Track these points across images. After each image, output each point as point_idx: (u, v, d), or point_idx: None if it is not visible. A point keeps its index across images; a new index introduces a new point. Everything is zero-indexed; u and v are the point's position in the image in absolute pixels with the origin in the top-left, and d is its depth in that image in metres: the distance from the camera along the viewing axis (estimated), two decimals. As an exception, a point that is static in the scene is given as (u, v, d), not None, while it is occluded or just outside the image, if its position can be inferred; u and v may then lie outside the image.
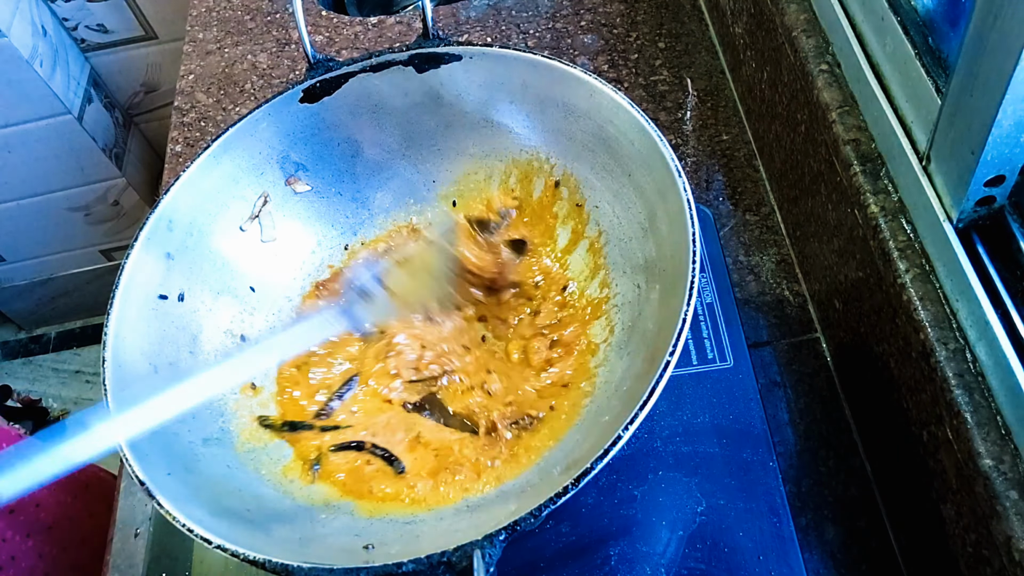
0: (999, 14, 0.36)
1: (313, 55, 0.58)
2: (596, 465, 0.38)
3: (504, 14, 0.87)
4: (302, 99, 0.58)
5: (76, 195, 1.37)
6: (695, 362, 0.56)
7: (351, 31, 0.88)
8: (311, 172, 0.61)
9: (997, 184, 0.41)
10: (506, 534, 0.37)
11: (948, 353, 0.43)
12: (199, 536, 0.39)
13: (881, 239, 0.48)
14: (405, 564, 0.37)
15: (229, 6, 0.95)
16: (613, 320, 0.55)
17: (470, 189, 0.64)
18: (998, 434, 0.40)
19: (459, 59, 0.59)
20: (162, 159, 0.83)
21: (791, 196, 0.66)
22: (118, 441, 0.41)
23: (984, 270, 0.42)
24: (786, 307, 0.64)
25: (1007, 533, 0.38)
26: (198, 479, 0.45)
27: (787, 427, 0.58)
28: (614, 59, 0.82)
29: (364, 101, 0.60)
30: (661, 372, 0.40)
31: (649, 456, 0.53)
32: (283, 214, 0.60)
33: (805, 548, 0.53)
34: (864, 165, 0.51)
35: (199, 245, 0.56)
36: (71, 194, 1.37)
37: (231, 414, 0.52)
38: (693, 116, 0.77)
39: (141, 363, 0.49)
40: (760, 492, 0.51)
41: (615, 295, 0.56)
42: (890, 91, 0.50)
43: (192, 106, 0.85)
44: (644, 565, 0.49)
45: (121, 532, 0.59)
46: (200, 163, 0.55)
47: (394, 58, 0.59)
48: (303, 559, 0.38)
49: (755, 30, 0.69)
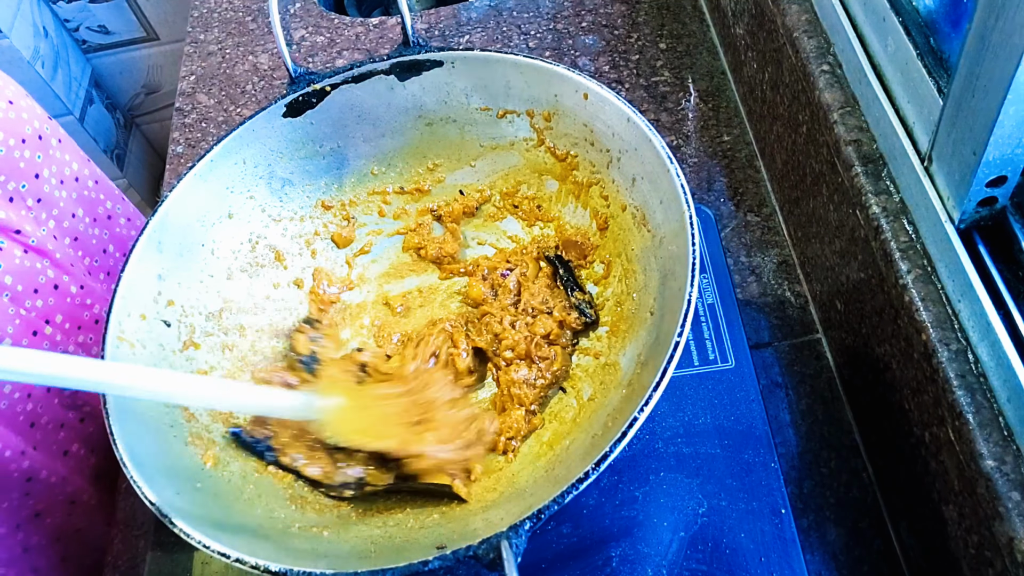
0: (1001, 15, 0.36)
1: (294, 69, 0.58)
2: (614, 448, 0.38)
3: (505, 15, 0.87)
4: (285, 114, 0.59)
5: (77, 196, 1.37)
6: (696, 363, 0.56)
7: (352, 32, 0.88)
8: (296, 186, 0.61)
9: (999, 185, 0.41)
10: (531, 523, 0.37)
11: (950, 354, 0.43)
12: (216, 551, 0.39)
13: (883, 240, 0.48)
14: (431, 561, 0.36)
15: (230, 7, 0.95)
16: (610, 318, 0.55)
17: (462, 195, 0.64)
18: (1000, 435, 0.40)
19: (440, 65, 0.59)
20: (163, 160, 0.83)
21: (792, 197, 0.66)
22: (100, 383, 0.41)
23: (986, 271, 0.42)
24: (788, 308, 0.64)
25: (1009, 534, 0.38)
26: (205, 497, 0.45)
27: (789, 428, 0.58)
28: (615, 60, 0.82)
29: (348, 112, 0.60)
30: (671, 354, 0.40)
31: (651, 457, 0.53)
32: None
33: (807, 549, 0.53)
34: (866, 166, 0.50)
35: (188, 265, 0.55)
36: (72, 195, 1.37)
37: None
38: (694, 117, 0.77)
39: None
40: (762, 493, 0.51)
41: (609, 288, 0.56)
42: (891, 92, 0.50)
43: (193, 107, 0.85)
44: (646, 566, 0.49)
45: (122, 532, 0.59)
46: (186, 182, 0.55)
47: (375, 68, 0.59)
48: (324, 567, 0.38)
49: (756, 31, 0.69)
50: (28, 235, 0.61)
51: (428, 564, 0.36)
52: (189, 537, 0.39)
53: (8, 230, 0.60)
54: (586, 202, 0.59)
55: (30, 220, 0.62)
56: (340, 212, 0.63)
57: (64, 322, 0.63)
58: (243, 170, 0.58)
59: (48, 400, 0.61)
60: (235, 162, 0.58)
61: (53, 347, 0.62)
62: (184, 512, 0.41)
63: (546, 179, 0.62)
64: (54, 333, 0.62)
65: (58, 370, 0.38)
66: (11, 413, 0.58)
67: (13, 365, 0.37)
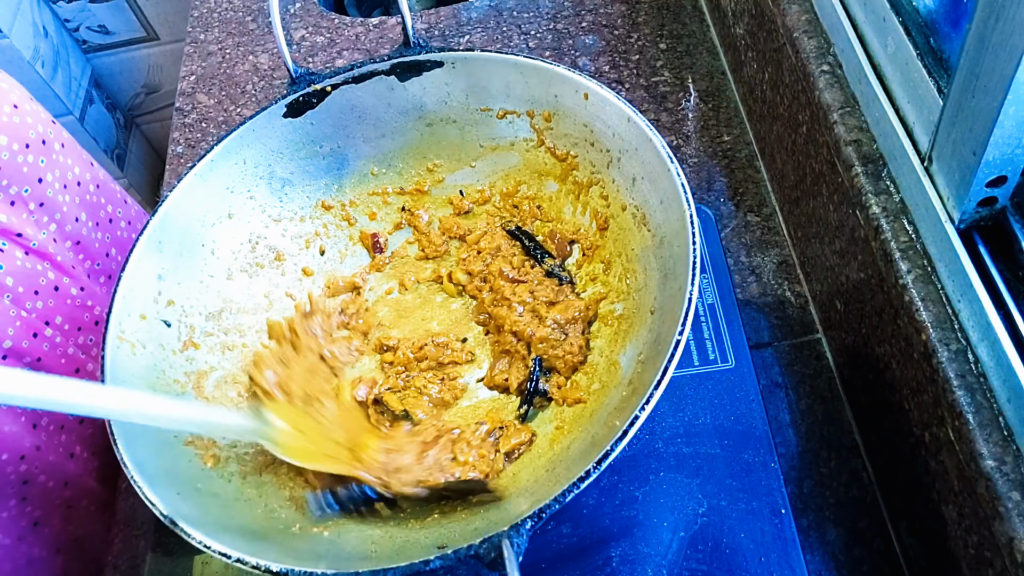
0: (1001, 15, 0.36)
1: (295, 70, 0.58)
2: (616, 446, 0.38)
3: (505, 15, 0.87)
4: (285, 114, 0.59)
5: (77, 196, 1.37)
6: (696, 363, 0.56)
7: (352, 32, 0.88)
8: (297, 186, 0.61)
9: (999, 185, 0.41)
10: (532, 522, 0.37)
11: (950, 354, 0.43)
12: (217, 551, 0.39)
13: (883, 240, 0.48)
14: (432, 561, 0.36)
15: (230, 7, 0.95)
16: (611, 317, 0.55)
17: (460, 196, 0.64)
18: (1000, 435, 0.40)
19: (440, 65, 0.59)
20: (163, 160, 0.83)
21: (792, 197, 0.66)
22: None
23: (986, 271, 0.42)
24: (788, 308, 0.64)
25: (1009, 534, 0.38)
26: (205, 497, 0.45)
27: (788, 428, 0.58)
28: (615, 60, 0.82)
29: (348, 113, 0.60)
30: (672, 353, 0.40)
31: (650, 457, 0.53)
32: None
33: (807, 549, 0.53)
34: (866, 166, 0.50)
35: (188, 265, 0.55)
36: (72, 195, 1.37)
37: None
38: (694, 117, 0.77)
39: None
40: (762, 493, 0.51)
41: (610, 289, 0.56)
42: (891, 92, 0.50)
43: (193, 107, 0.85)
44: (646, 566, 0.49)
45: (122, 532, 0.59)
46: (187, 182, 0.55)
47: (375, 68, 0.59)
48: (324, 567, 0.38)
49: (756, 31, 0.69)
50: (29, 238, 0.61)
51: (429, 564, 0.36)
52: (190, 537, 0.39)
53: (10, 233, 0.60)
54: (586, 202, 0.59)
55: (31, 224, 0.62)
56: (340, 212, 0.63)
57: (64, 323, 0.63)
58: (243, 170, 0.58)
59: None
60: (235, 162, 0.58)
61: (53, 348, 0.62)
62: (185, 513, 0.41)
63: (546, 179, 0.62)
64: (54, 334, 0.62)
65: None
66: (13, 414, 0.58)
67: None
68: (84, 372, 0.65)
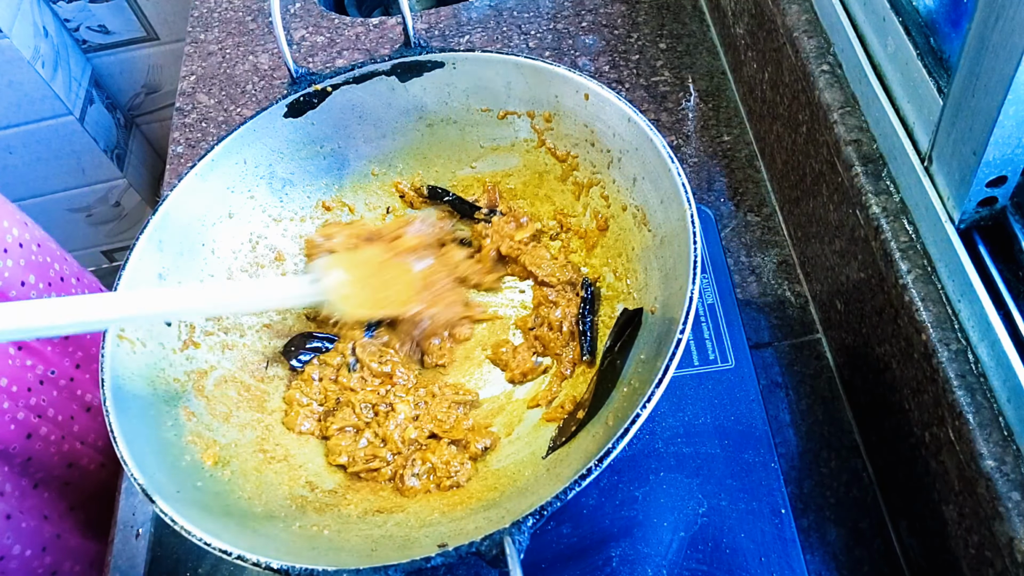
0: (1001, 15, 0.36)
1: (295, 70, 0.58)
2: (617, 444, 0.38)
3: (505, 15, 0.87)
4: (286, 114, 0.59)
5: (77, 196, 1.37)
6: (696, 363, 0.56)
7: (352, 32, 0.88)
8: (297, 186, 0.61)
9: (999, 185, 0.41)
10: (534, 520, 0.37)
11: (950, 354, 0.43)
12: (217, 549, 0.39)
13: (883, 240, 0.48)
14: (434, 558, 0.36)
15: (230, 7, 0.95)
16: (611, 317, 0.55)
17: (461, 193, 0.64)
18: (1000, 435, 0.40)
19: (441, 66, 0.59)
20: (163, 160, 0.84)
21: (793, 197, 0.66)
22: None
23: (986, 271, 0.42)
24: (788, 308, 0.64)
25: (1009, 534, 0.38)
26: (205, 495, 0.45)
27: (789, 428, 0.58)
28: (615, 60, 0.82)
29: (349, 113, 0.60)
30: (672, 352, 0.40)
31: (650, 457, 0.53)
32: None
33: (807, 549, 0.53)
34: (866, 166, 0.51)
35: (189, 264, 0.55)
36: (72, 195, 1.37)
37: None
38: (694, 117, 0.77)
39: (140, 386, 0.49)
40: (762, 493, 0.51)
41: (610, 287, 0.56)
42: (891, 92, 0.50)
43: (193, 107, 0.85)
44: (646, 566, 0.49)
45: (122, 532, 0.59)
46: (187, 182, 0.55)
47: (376, 68, 0.59)
48: (325, 564, 0.38)
49: (756, 31, 0.69)
50: None
51: (431, 560, 0.36)
52: (190, 535, 0.39)
53: None
54: (586, 203, 0.59)
55: None
56: (340, 213, 0.63)
57: (17, 386, 0.62)
58: (244, 170, 0.58)
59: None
60: (236, 162, 0.58)
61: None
62: (185, 510, 0.41)
63: (546, 179, 0.62)
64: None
65: (62, 316, 0.39)
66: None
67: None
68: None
